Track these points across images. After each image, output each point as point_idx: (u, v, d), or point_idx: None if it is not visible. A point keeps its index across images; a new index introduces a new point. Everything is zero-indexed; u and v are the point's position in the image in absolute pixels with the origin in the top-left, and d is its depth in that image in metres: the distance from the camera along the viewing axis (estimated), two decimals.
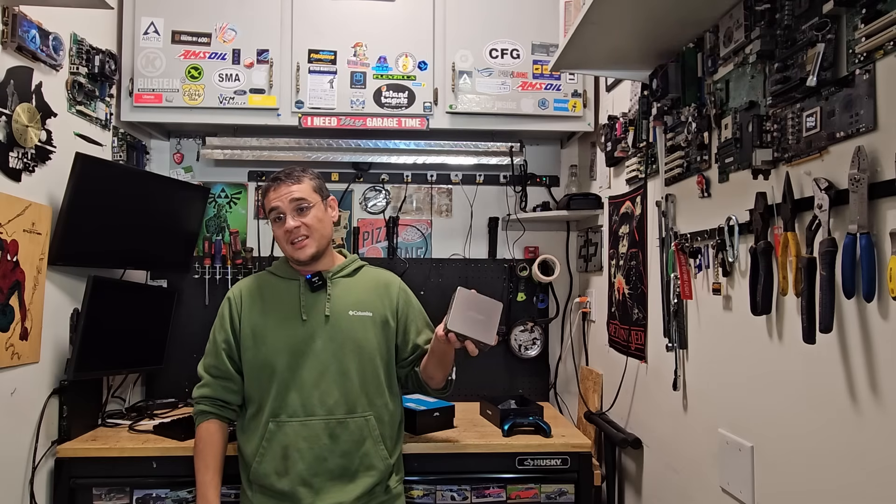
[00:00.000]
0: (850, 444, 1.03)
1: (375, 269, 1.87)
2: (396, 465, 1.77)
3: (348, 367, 1.68)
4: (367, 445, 1.67)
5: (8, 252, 1.68)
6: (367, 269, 1.84)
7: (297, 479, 1.61)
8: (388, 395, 1.74)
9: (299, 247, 1.68)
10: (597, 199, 2.39)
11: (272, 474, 1.62)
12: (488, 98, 2.38)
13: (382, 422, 1.71)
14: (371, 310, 1.74)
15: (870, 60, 0.99)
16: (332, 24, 2.37)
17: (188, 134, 2.62)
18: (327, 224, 1.74)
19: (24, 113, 1.75)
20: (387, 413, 1.73)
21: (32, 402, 1.84)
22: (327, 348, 1.67)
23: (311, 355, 1.66)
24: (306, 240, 1.68)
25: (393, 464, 1.73)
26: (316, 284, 1.72)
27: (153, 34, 2.30)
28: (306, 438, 1.63)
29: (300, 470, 1.62)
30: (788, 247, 1.15)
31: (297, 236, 1.67)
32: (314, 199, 1.70)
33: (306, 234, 1.68)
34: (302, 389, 1.64)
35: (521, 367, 2.64)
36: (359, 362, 1.69)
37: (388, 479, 1.72)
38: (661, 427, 1.79)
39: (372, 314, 1.74)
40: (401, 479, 1.80)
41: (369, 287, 1.79)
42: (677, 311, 1.65)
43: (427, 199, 2.72)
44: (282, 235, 1.70)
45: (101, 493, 1.89)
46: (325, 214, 1.73)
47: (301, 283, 1.72)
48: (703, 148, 1.52)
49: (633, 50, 1.65)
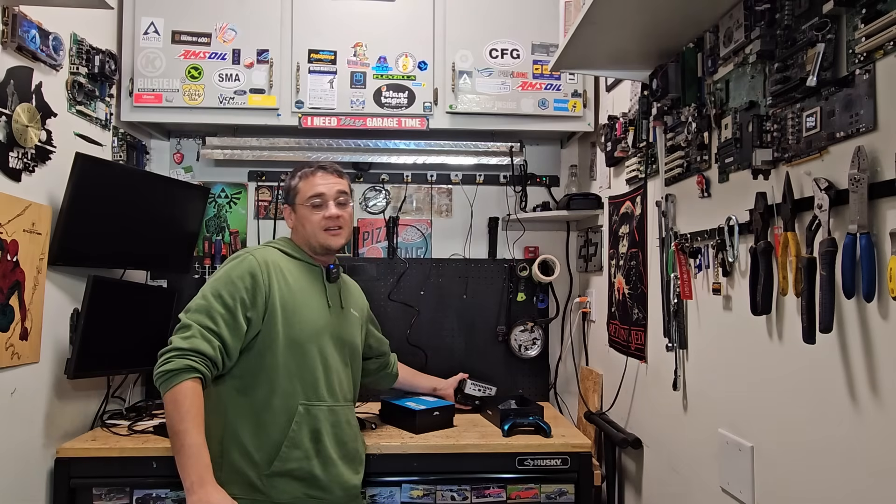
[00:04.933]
0: (850, 444, 1.03)
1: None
2: None
3: (351, 360, 1.80)
4: (359, 431, 1.83)
5: (8, 252, 1.68)
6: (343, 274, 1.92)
7: (329, 461, 1.65)
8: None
9: (335, 234, 1.71)
10: (597, 199, 2.39)
11: (303, 458, 1.61)
12: (488, 98, 2.38)
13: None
14: (358, 310, 1.88)
15: (870, 60, 0.99)
16: (332, 24, 2.37)
17: (188, 134, 2.62)
18: (352, 223, 1.86)
19: (24, 113, 1.75)
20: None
21: (32, 402, 1.84)
22: (342, 338, 1.75)
23: (334, 342, 1.72)
24: (342, 230, 1.73)
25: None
26: (335, 276, 1.77)
27: (153, 34, 2.30)
28: (332, 423, 1.67)
29: (330, 452, 1.65)
30: (788, 247, 1.15)
31: (337, 224, 1.71)
32: (350, 198, 1.79)
33: (342, 225, 1.73)
34: (328, 374, 1.68)
35: (521, 367, 2.63)
36: (354, 356, 1.82)
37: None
38: (661, 427, 1.79)
39: (358, 315, 1.87)
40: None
41: (354, 289, 1.94)
42: (677, 311, 1.65)
43: (427, 199, 2.72)
44: (318, 221, 1.70)
45: (101, 493, 1.89)
46: (352, 214, 1.83)
47: (322, 271, 1.76)
48: (703, 148, 1.52)
49: (633, 50, 1.65)
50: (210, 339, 1.52)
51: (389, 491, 1.96)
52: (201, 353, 1.51)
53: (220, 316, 1.54)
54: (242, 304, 1.57)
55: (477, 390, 2.33)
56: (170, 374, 1.48)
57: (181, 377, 1.47)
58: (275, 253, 1.71)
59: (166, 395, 1.48)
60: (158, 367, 1.50)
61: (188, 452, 1.43)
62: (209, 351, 1.51)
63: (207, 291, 1.58)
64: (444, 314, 2.62)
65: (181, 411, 1.45)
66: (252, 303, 1.58)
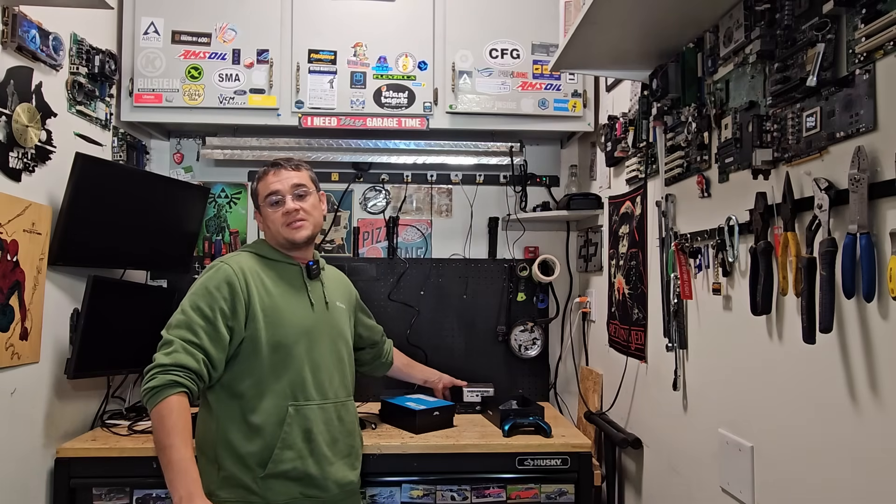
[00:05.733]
0: (850, 444, 1.03)
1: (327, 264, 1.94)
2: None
3: (342, 355, 1.77)
4: (357, 426, 1.80)
5: (8, 252, 1.68)
6: (327, 265, 1.90)
7: (323, 459, 1.64)
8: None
9: (296, 227, 1.68)
10: (597, 199, 2.39)
11: (297, 458, 1.59)
12: (488, 98, 2.38)
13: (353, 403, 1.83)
14: (345, 302, 1.86)
15: (870, 60, 0.99)
16: (332, 24, 2.37)
17: (188, 134, 2.62)
18: (320, 213, 1.78)
19: (24, 113, 1.75)
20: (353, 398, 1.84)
21: (32, 402, 1.84)
22: (329, 334, 1.74)
23: (321, 340, 1.71)
24: (304, 222, 1.70)
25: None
26: (315, 273, 1.75)
27: (153, 34, 2.30)
28: (324, 421, 1.66)
29: (323, 450, 1.64)
30: (788, 247, 1.15)
31: (297, 217, 1.69)
32: (311, 188, 1.75)
33: (304, 217, 1.70)
34: (316, 373, 1.67)
35: (521, 367, 2.63)
36: (346, 350, 1.80)
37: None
38: (661, 427, 1.79)
39: (345, 307, 1.85)
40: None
41: (338, 281, 1.90)
42: (677, 311, 1.65)
43: (427, 199, 2.72)
44: (279, 218, 1.69)
45: (101, 493, 1.89)
46: (318, 204, 1.78)
47: (302, 269, 1.74)
48: (703, 148, 1.52)
49: (633, 50, 1.65)
50: (193, 353, 1.52)
51: (389, 491, 1.96)
52: (185, 367, 1.50)
53: (201, 329, 1.54)
54: (222, 314, 1.56)
55: (476, 396, 2.34)
56: (154, 390, 1.47)
57: (165, 393, 1.47)
58: (250, 258, 1.69)
59: (152, 412, 1.47)
60: (143, 385, 1.50)
61: (176, 468, 1.43)
62: (193, 364, 1.51)
63: (186, 305, 1.57)
64: (444, 314, 2.62)
65: (167, 427, 1.45)
66: (232, 312, 1.57)
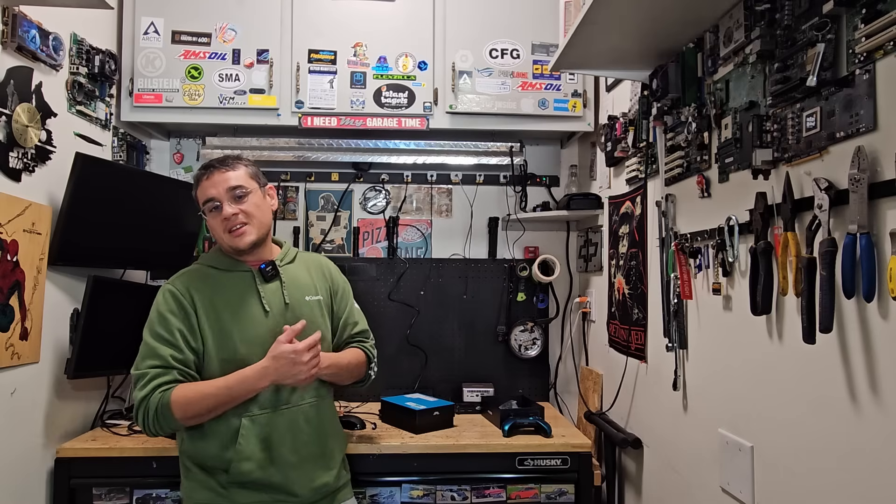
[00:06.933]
0: (850, 444, 1.03)
1: (307, 252, 1.86)
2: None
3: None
4: (333, 426, 1.73)
5: (8, 252, 1.68)
6: (302, 254, 1.80)
7: (287, 466, 1.58)
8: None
9: (237, 234, 1.58)
10: (597, 199, 2.39)
11: (256, 469, 1.54)
12: (488, 98, 2.38)
13: (332, 402, 1.77)
14: (319, 293, 1.74)
15: (870, 60, 0.99)
16: (332, 24, 2.37)
17: (188, 134, 2.62)
18: (266, 211, 1.66)
19: (24, 113, 1.75)
20: (331, 394, 1.78)
21: (32, 402, 1.84)
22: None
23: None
24: (245, 227, 1.59)
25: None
26: (270, 274, 1.65)
27: (153, 34, 2.30)
28: (286, 426, 1.60)
29: (287, 457, 1.58)
30: (788, 247, 1.15)
31: (236, 223, 1.58)
32: (251, 186, 1.63)
33: (245, 220, 1.59)
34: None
35: (521, 367, 2.63)
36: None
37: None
38: (661, 427, 1.79)
39: (321, 297, 1.73)
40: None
41: (311, 270, 1.77)
42: (677, 311, 1.65)
43: (427, 199, 2.72)
44: (218, 225, 1.59)
45: (101, 493, 1.89)
46: (263, 202, 1.66)
47: (254, 274, 1.64)
48: (703, 148, 1.52)
49: (633, 50, 1.65)
50: (168, 371, 1.51)
51: (389, 491, 1.96)
52: (165, 383, 1.49)
53: (167, 354, 1.52)
54: (181, 334, 1.54)
55: (476, 396, 2.33)
56: (151, 410, 1.47)
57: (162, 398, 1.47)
58: (198, 272, 1.64)
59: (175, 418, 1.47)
60: (138, 421, 1.50)
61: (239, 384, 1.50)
62: (171, 377, 1.50)
63: (146, 337, 1.55)
64: (444, 314, 2.62)
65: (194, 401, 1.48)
66: (190, 330, 1.55)
